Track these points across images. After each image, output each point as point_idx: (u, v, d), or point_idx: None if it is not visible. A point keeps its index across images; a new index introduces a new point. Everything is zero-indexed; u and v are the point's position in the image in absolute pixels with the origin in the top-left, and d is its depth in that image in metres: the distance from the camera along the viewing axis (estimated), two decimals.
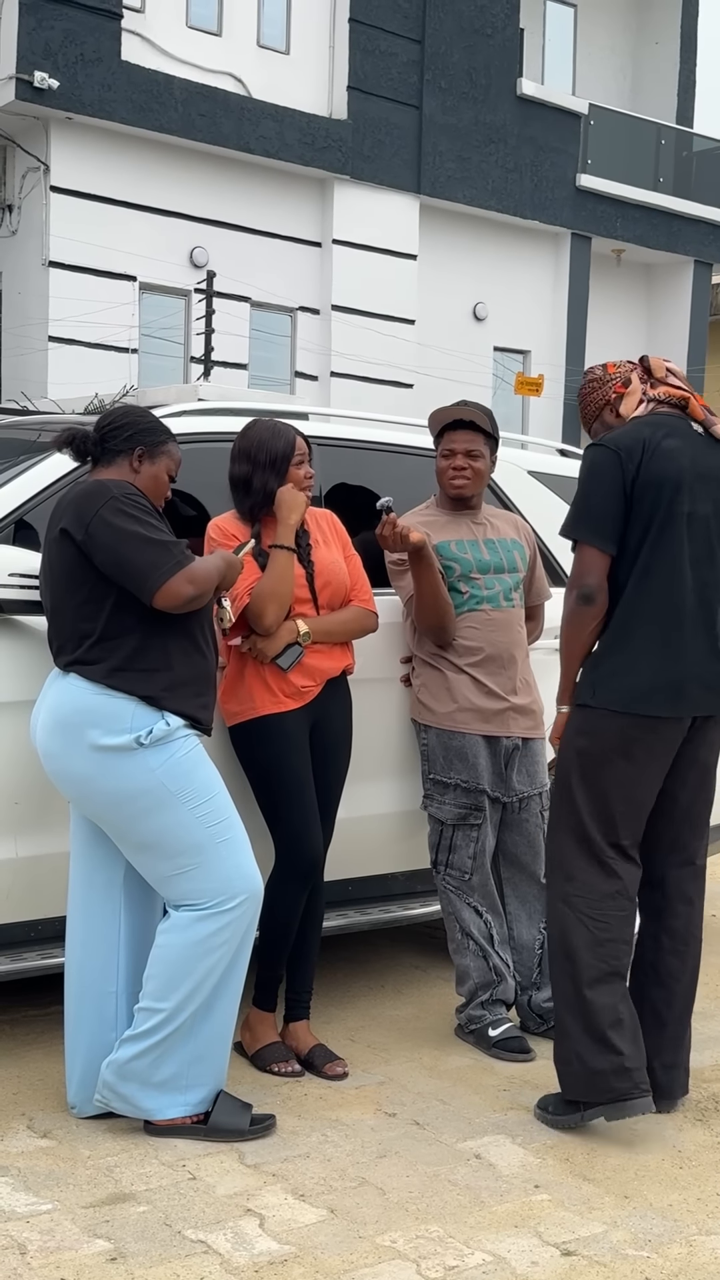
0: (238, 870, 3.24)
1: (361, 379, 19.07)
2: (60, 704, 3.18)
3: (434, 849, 4.05)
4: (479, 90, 20.03)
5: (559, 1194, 3.07)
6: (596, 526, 3.40)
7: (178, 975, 3.20)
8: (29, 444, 3.97)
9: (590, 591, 3.39)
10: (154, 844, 3.20)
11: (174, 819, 3.18)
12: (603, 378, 3.64)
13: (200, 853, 3.20)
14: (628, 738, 3.39)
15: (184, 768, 3.20)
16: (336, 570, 3.77)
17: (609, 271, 22.55)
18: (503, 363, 21.25)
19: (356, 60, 18.82)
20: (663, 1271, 2.76)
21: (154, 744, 3.15)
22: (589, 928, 3.42)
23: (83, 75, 16.46)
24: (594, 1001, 3.40)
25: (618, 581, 3.42)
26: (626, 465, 3.38)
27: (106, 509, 3.12)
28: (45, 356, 16.65)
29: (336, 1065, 3.71)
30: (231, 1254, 2.74)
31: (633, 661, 3.39)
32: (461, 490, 4.05)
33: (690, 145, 23.33)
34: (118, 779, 3.15)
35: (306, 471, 3.75)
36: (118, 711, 3.14)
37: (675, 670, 3.40)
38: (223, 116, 17.63)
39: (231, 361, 18.13)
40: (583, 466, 3.48)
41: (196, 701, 3.25)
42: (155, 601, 3.11)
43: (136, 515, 3.14)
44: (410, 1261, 2.74)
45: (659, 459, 3.39)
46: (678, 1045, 3.57)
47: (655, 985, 3.55)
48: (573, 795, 3.43)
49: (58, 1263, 2.67)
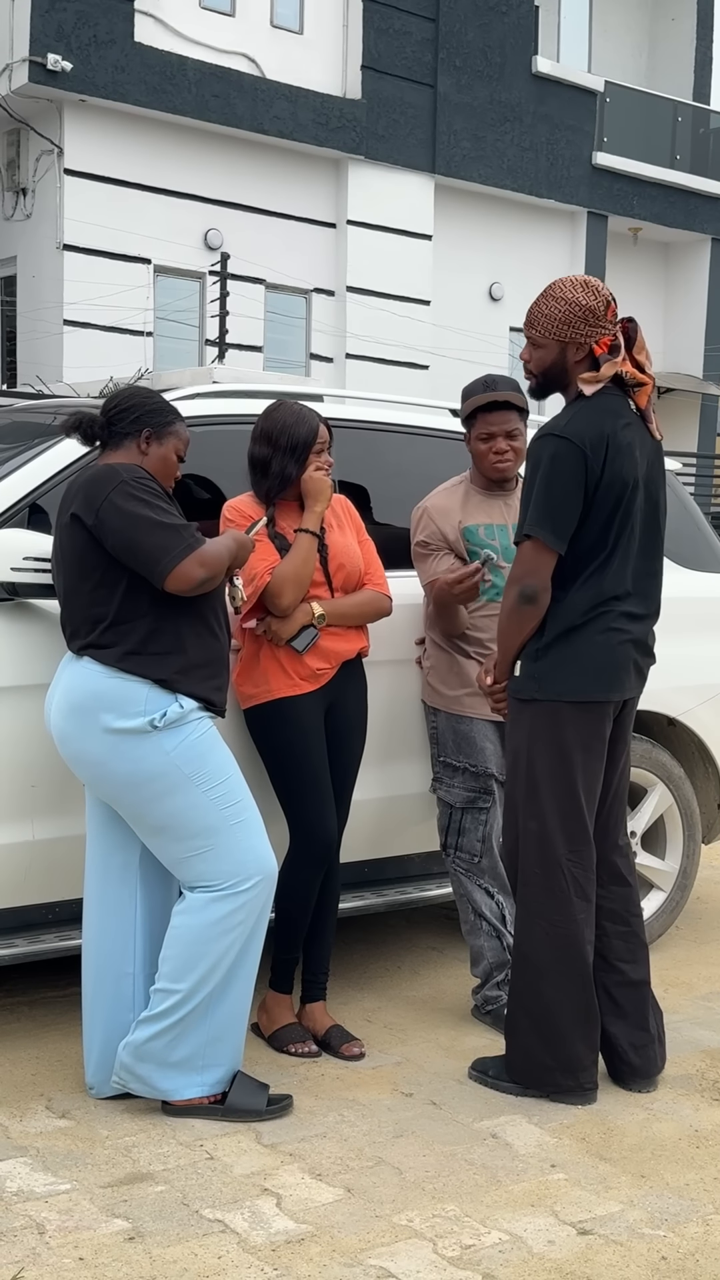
0: (252, 852, 3.24)
1: (377, 360, 19.03)
2: (74, 688, 3.19)
3: (443, 832, 4.05)
4: (494, 69, 19.92)
5: (575, 1173, 3.08)
6: (554, 526, 3.30)
7: (194, 956, 3.21)
8: (44, 428, 3.97)
9: (534, 592, 3.34)
10: (168, 826, 3.21)
11: (188, 801, 3.18)
12: (596, 313, 3.34)
13: (214, 834, 3.21)
14: (583, 727, 3.39)
15: (198, 750, 3.20)
16: (351, 554, 3.76)
17: (626, 250, 22.43)
18: (518, 343, 21.11)
19: (370, 39, 18.73)
20: (679, 1250, 2.76)
21: (168, 727, 3.16)
22: (548, 932, 3.43)
23: (96, 57, 16.43)
24: (548, 1002, 3.43)
25: (563, 576, 3.35)
26: (592, 464, 3.28)
27: (116, 493, 3.12)
28: (60, 340, 16.65)
29: (353, 1046, 3.72)
30: (249, 1233, 2.75)
31: (577, 651, 3.37)
32: (505, 472, 4.01)
33: (707, 122, 23.17)
34: (132, 762, 3.16)
35: (326, 460, 3.73)
36: (131, 695, 3.15)
37: (615, 654, 3.39)
38: (236, 97, 17.58)
39: (246, 344, 18.11)
40: (541, 455, 3.31)
41: (210, 684, 3.25)
42: (166, 585, 3.12)
43: (146, 499, 3.14)
44: (427, 1240, 2.75)
45: (621, 456, 3.31)
46: (642, 1025, 3.57)
47: (606, 971, 3.56)
48: (538, 797, 3.41)
49: (76, 1242, 2.69)
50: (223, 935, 3.22)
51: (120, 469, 3.18)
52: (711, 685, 4.77)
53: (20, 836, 3.49)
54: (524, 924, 3.49)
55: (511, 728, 3.51)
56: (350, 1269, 2.63)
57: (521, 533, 3.37)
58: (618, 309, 3.40)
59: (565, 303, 3.35)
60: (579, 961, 3.43)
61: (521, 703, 3.45)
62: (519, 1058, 3.49)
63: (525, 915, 3.48)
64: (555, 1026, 3.43)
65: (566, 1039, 3.43)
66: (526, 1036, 3.47)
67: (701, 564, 4.93)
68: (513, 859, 3.52)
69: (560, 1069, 3.44)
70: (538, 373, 3.45)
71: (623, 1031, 3.54)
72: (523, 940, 3.49)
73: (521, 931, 3.50)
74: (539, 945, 3.44)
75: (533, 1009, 3.46)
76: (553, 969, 3.43)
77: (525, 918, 3.48)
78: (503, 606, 3.45)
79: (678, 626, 4.20)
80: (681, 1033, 3.94)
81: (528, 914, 3.47)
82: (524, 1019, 3.47)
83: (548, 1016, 3.44)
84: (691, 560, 4.89)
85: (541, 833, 3.42)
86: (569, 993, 3.43)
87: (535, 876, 3.44)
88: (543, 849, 3.42)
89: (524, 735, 3.44)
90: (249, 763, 3.80)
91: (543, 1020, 3.44)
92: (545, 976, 3.43)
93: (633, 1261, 2.71)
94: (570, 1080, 3.44)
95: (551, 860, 3.42)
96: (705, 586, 4.88)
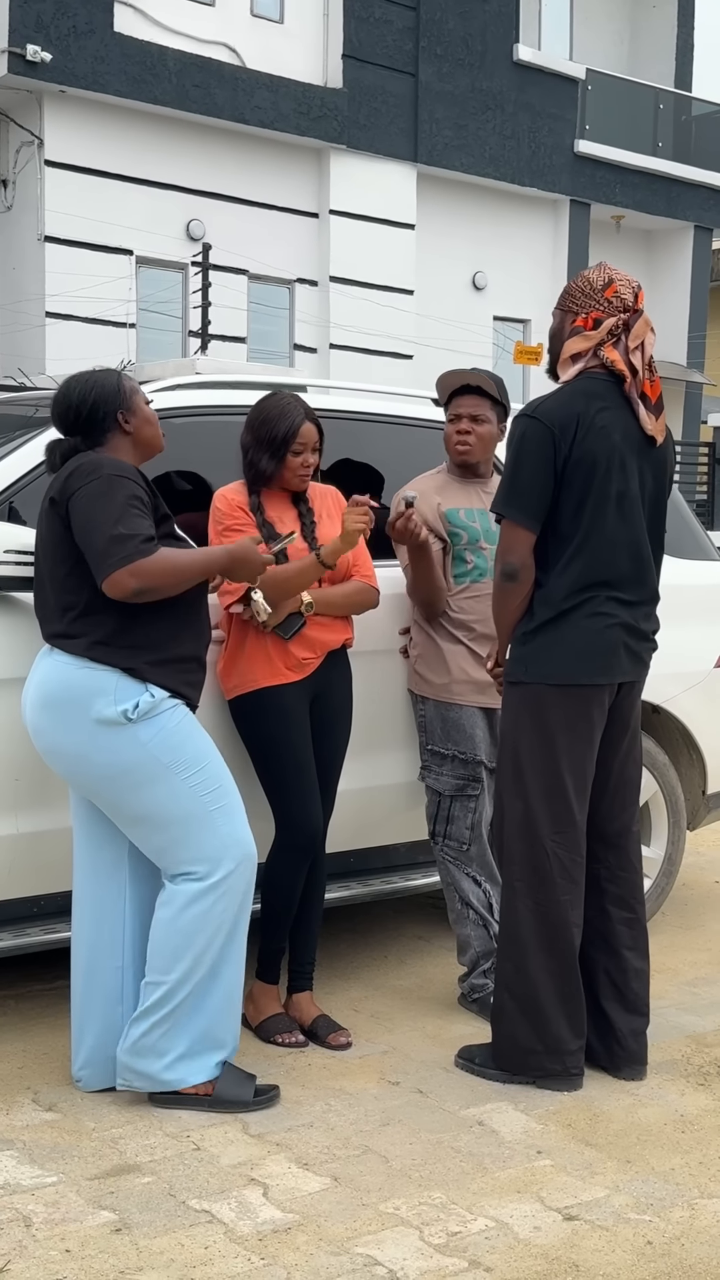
0: (231, 836, 3.24)
1: (361, 350, 19.00)
2: (46, 680, 3.18)
3: (432, 820, 4.06)
4: (475, 57, 19.88)
5: (561, 1159, 3.09)
6: (523, 504, 3.36)
7: (179, 946, 3.21)
8: (25, 419, 3.96)
9: (514, 569, 3.39)
10: (148, 816, 3.20)
11: (167, 790, 3.18)
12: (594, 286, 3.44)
13: (194, 821, 3.20)
14: (568, 710, 3.41)
15: (175, 739, 3.19)
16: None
17: (609, 238, 22.42)
18: (503, 332, 21.16)
19: (351, 28, 18.67)
20: (664, 1235, 2.77)
21: (142, 718, 3.14)
22: (532, 912, 3.44)
23: (75, 48, 16.35)
24: (533, 984, 3.44)
25: (545, 558, 3.40)
26: (560, 443, 3.33)
27: (90, 486, 3.10)
28: (43, 332, 16.60)
29: (340, 1035, 3.73)
30: (236, 1223, 2.76)
31: (563, 634, 3.39)
32: (465, 455, 4.03)
33: (689, 109, 23.16)
34: (109, 754, 3.15)
35: (305, 460, 3.68)
36: (101, 684, 3.13)
37: (602, 638, 3.41)
38: (217, 87, 17.52)
39: (230, 335, 18.07)
40: (512, 436, 3.41)
41: (182, 678, 3.23)
42: (103, 589, 3.09)
43: (115, 498, 3.08)
44: (414, 1228, 2.76)
45: (592, 437, 3.34)
46: (641, 1012, 3.59)
47: (609, 955, 3.57)
48: (522, 778, 3.44)
49: (63, 1234, 2.69)
50: (206, 923, 3.21)
51: (105, 463, 3.15)
52: (696, 672, 4.78)
53: (3, 830, 3.48)
54: (508, 905, 3.50)
55: (503, 710, 3.55)
56: (337, 1258, 2.64)
57: (492, 510, 3.46)
58: (628, 297, 3.43)
59: (578, 277, 3.51)
60: (563, 943, 3.44)
61: (510, 685, 3.49)
62: (505, 1043, 3.50)
63: (510, 896, 3.49)
64: (539, 1008, 3.44)
65: (551, 1020, 3.44)
66: (512, 1021, 3.48)
67: (685, 551, 4.94)
68: (499, 840, 3.53)
69: (546, 1052, 3.45)
70: (549, 345, 3.54)
71: (621, 1018, 3.55)
72: (507, 921, 3.50)
73: (506, 912, 3.51)
74: (524, 926, 3.45)
75: (518, 991, 3.47)
76: (537, 950, 3.44)
77: (510, 898, 3.49)
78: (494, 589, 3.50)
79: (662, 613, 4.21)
80: (667, 1018, 3.96)
81: (512, 894, 3.48)
82: (510, 1002, 3.48)
83: (532, 998, 3.45)
84: (675, 548, 4.89)
85: (526, 813, 3.43)
86: (553, 973, 3.44)
87: (520, 856, 3.46)
88: (527, 830, 3.43)
89: (510, 716, 3.48)
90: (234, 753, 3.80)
91: (527, 1002, 3.45)
92: (530, 957, 3.44)
93: (618, 1246, 2.72)
94: (556, 1064, 3.45)
95: (535, 841, 3.43)
96: (689, 574, 4.89)
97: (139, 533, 3.09)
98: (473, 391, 4.02)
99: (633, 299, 3.44)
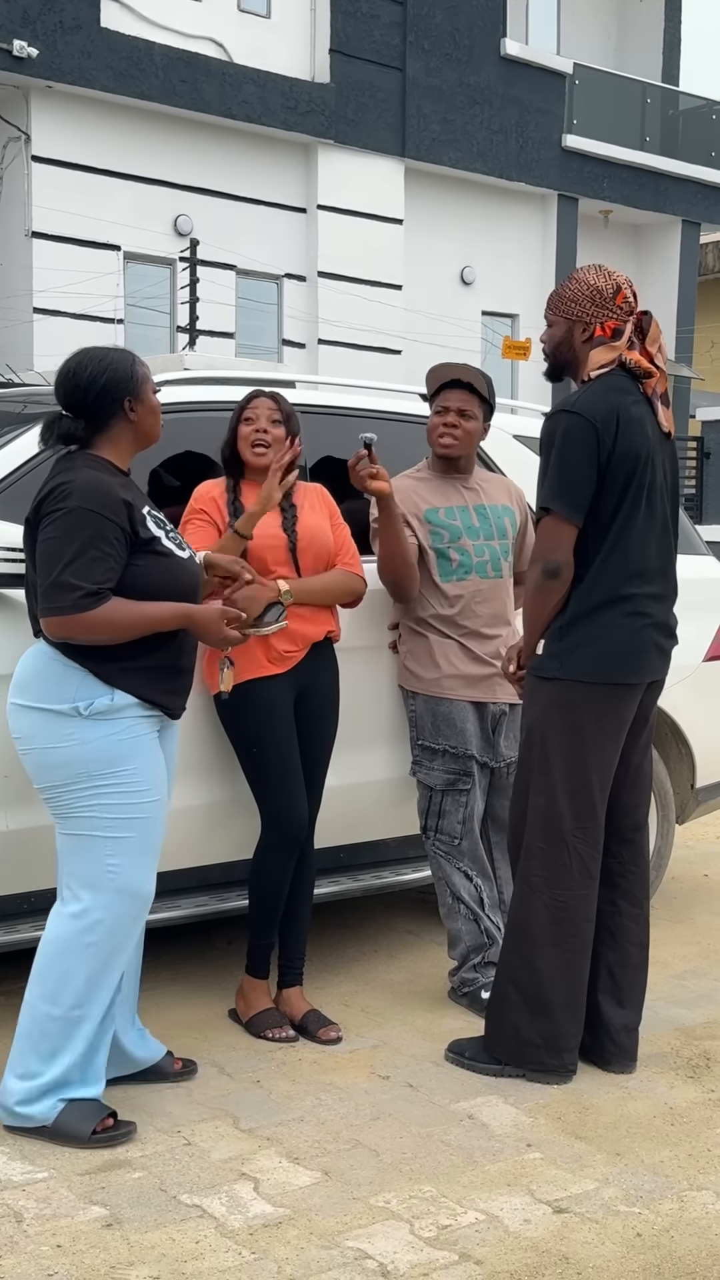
0: (118, 873, 3.09)
1: (349, 346, 18.99)
2: (22, 665, 3.15)
3: (423, 815, 4.06)
4: (462, 51, 19.86)
5: (551, 1152, 3.10)
6: (570, 499, 3.35)
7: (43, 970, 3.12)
8: (13, 416, 3.95)
9: (558, 566, 3.37)
10: (63, 816, 3.13)
11: (85, 797, 3.08)
12: (604, 295, 3.43)
13: (93, 843, 3.09)
14: (600, 707, 3.41)
15: (116, 752, 3.07)
16: (320, 537, 3.75)
17: (597, 233, 22.43)
18: (491, 327, 21.16)
19: (338, 23, 18.64)
20: (654, 1227, 2.79)
21: (93, 716, 3.06)
22: (549, 907, 3.44)
23: (62, 43, 16.30)
24: (542, 978, 3.45)
25: (584, 552, 3.39)
26: (603, 437, 3.33)
27: (55, 521, 3.00)
28: (30, 328, 16.55)
29: (330, 1030, 3.73)
30: (226, 1217, 2.76)
31: (601, 632, 3.39)
32: (449, 449, 4.03)
33: (676, 104, 23.17)
34: (52, 741, 3.07)
35: (258, 428, 3.66)
36: (65, 678, 3.07)
37: (639, 638, 3.42)
38: (204, 82, 17.48)
39: (218, 330, 18.04)
40: (553, 432, 3.38)
41: (157, 686, 3.13)
42: (44, 630, 3.06)
43: (74, 539, 2.98)
44: (404, 1221, 2.76)
45: (631, 430, 3.36)
46: (636, 1006, 3.61)
47: (611, 949, 3.58)
48: (550, 773, 3.43)
49: (54, 1230, 2.70)
50: (69, 950, 3.10)
51: (76, 490, 3.02)
52: (684, 666, 4.78)
53: None
54: (523, 898, 3.48)
55: (527, 704, 3.52)
56: (328, 1251, 2.64)
57: (539, 507, 3.40)
58: (635, 300, 3.47)
59: (576, 282, 3.48)
60: (577, 939, 3.45)
61: (541, 680, 3.46)
62: (505, 1033, 3.49)
63: (526, 889, 3.48)
64: (546, 1002, 3.44)
65: (556, 1016, 3.44)
66: (515, 1012, 3.47)
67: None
68: (518, 832, 3.53)
69: (546, 1047, 3.45)
70: (550, 351, 3.53)
71: (616, 1014, 3.56)
72: (520, 914, 3.49)
73: (519, 905, 3.50)
74: (538, 920, 3.45)
75: (524, 984, 3.46)
76: (551, 945, 3.44)
77: (525, 892, 3.48)
78: (526, 585, 3.47)
79: None
80: (657, 1011, 3.97)
81: (529, 888, 3.47)
82: (514, 994, 3.48)
83: (539, 992, 3.44)
84: None
85: (550, 809, 3.43)
86: (563, 969, 3.44)
87: (540, 851, 3.45)
88: (549, 824, 3.43)
89: (540, 711, 3.46)
90: (220, 750, 3.81)
91: (533, 996, 3.45)
92: (542, 952, 3.44)
93: (608, 1239, 2.73)
94: (555, 1060, 3.46)
95: (557, 836, 3.43)
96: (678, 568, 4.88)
97: (83, 586, 2.97)
98: (462, 387, 4.02)
99: (634, 300, 3.48)
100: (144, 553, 3.11)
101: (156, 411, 3.21)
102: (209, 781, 3.83)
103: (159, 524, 3.20)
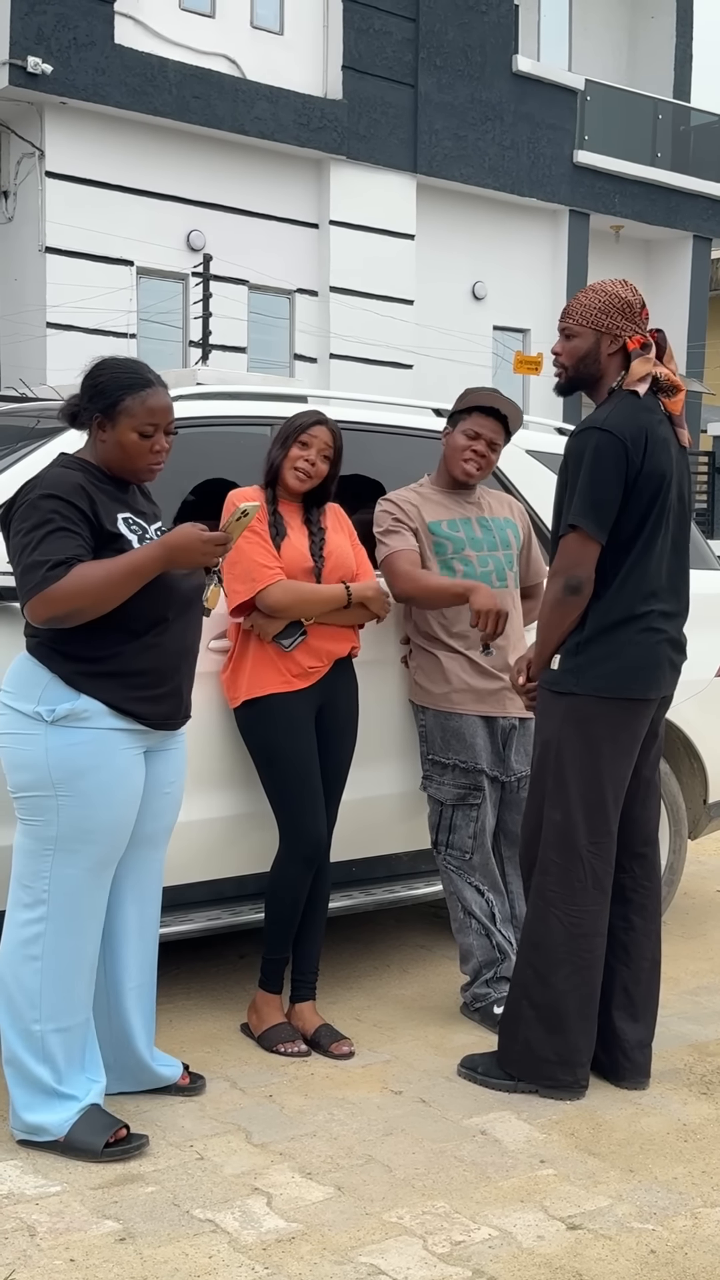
0: (63, 887, 3.05)
1: (361, 360, 19.04)
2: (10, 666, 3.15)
3: (434, 829, 4.06)
4: (474, 68, 19.95)
5: (564, 1168, 3.09)
6: (599, 516, 3.34)
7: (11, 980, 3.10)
8: (27, 430, 3.97)
9: (579, 582, 3.37)
10: (22, 819, 3.10)
11: (43, 804, 3.05)
12: (633, 308, 3.42)
13: (42, 849, 3.06)
14: (616, 723, 3.41)
15: (79, 764, 3.02)
16: (345, 556, 3.80)
17: (608, 248, 22.48)
18: (502, 341, 21.20)
19: (351, 39, 18.74)
20: (668, 1244, 2.78)
21: (58, 723, 3.01)
22: (563, 922, 3.44)
23: (76, 59, 16.41)
24: (557, 994, 3.44)
25: (603, 569, 3.38)
26: (633, 456, 3.32)
27: (17, 514, 3.02)
28: (43, 343, 16.63)
29: (343, 1044, 3.73)
30: (239, 1232, 2.76)
31: (617, 648, 3.39)
32: (471, 475, 4.04)
33: (688, 119, 23.24)
34: (19, 742, 3.05)
35: (308, 458, 3.70)
36: (34, 680, 3.05)
37: (653, 654, 3.43)
38: (217, 99, 17.57)
39: (230, 345, 18.10)
40: (582, 449, 3.35)
41: (126, 693, 3.05)
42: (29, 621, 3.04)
43: (33, 523, 2.97)
44: (417, 1237, 2.76)
45: (658, 451, 3.36)
46: (649, 1021, 3.60)
47: (624, 965, 3.57)
48: (565, 788, 3.43)
49: (67, 1244, 2.70)
50: (26, 964, 3.07)
51: (41, 481, 3.02)
52: (697, 681, 4.79)
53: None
54: (538, 913, 3.48)
55: (542, 719, 3.52)
56: (341, 1267, 2.64)
57: (565, 524, 3.39)
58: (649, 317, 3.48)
59: (604, 294, 3.43)
60: (591, 954, 3.45)
61: (556, 694, 3.46)
62: (519, 1049, 3.48)
63: (540, 904, 3.48)
64: (560, 1019, 3.43)
65: (570, 1031, 3.44)
66: (529, 1027, 3.46)
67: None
68: (531, 848, 3.53)
69: (560, 1063, 3.44)
70: (570, 364, 3.47)
71: (629, 1029, 3.55)
72: (535, 929, 3.48)
73: (534, 920, 3.49)
74: (553, 934, 3.44)
75: (539, 999, 3.46)
76: (566, 960, 3.43)
77: (540, 907, 3.48)
78: (545, 600, 3.46)
79: None
80: (669, 1027, 3.96)
81: (544, 903, 3.47)
82: (528, 1009, 3.47)
83: (554, 1008, 3.44)
84: None
85: (565, 824, 3.43)
86: (577, 985, 3.44)
87: (554, 866, 3.45)
88: (564, 839, 3.43)
89: (555, 726, 3.45)
90: (233, 763, 3.81)
91: (548, 1011, 3.44)
92: (557, 967, 3.44)
93: (622, 1255, 2.72)
94: (568, 1075, 3.45)
95: (572, 851, 3.43)
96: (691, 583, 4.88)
97: (48, 559, 2.93)
98: (498, 419, 4.02)
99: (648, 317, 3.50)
100: (108, 549, 3.04)
101: (128, 448, 3.07)
102: (223, 795, 3.83)
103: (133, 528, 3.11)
